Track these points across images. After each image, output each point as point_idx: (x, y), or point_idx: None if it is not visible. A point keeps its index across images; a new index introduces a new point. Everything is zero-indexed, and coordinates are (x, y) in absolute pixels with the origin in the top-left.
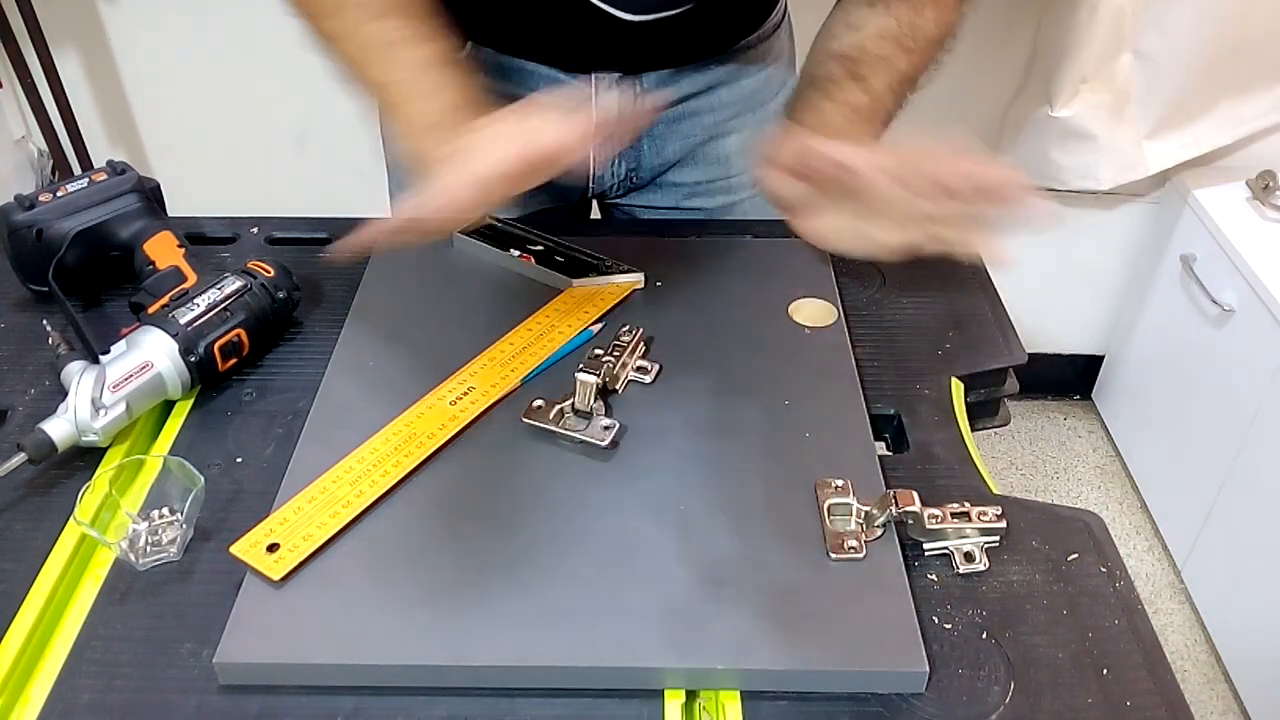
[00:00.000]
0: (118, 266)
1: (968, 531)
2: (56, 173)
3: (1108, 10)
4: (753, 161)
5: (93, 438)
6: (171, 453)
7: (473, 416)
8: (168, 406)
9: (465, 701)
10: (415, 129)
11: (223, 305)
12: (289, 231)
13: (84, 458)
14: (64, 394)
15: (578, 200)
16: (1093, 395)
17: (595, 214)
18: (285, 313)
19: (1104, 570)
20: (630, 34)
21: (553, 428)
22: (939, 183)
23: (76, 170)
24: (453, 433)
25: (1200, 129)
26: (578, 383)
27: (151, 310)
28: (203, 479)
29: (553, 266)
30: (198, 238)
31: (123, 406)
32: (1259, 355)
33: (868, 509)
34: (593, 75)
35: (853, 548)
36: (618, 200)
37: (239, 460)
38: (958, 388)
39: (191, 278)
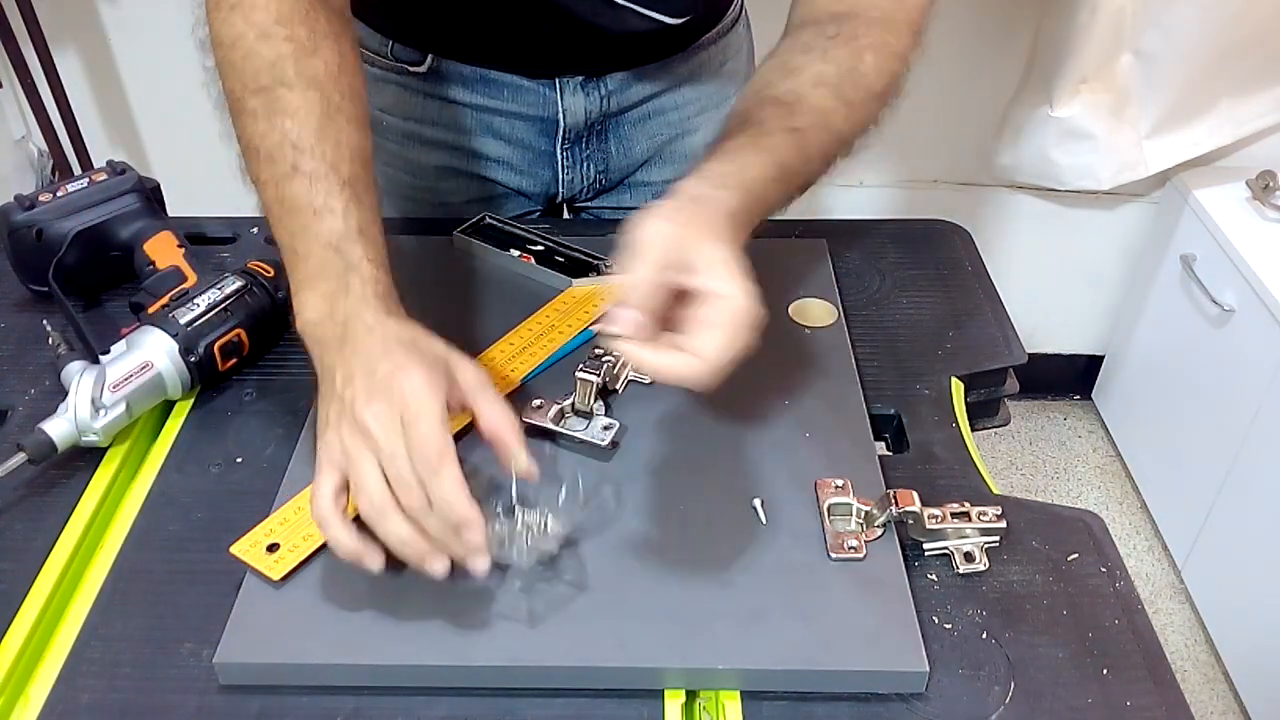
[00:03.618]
0: (118, 266)
1: (968, 531)
2: (56, 173)
3: (1108, 10)
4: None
5: (93, 438)
6: (171, 453)
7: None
8: (168, 406)
9: (465, 701)
10: (309, 312)
11: (223, 305)
12: None
13: (84, 458)
14: (64, 394)
15: (546, 205)
16: (1093, 395)
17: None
18: (285, 313)
19: (1104, 570)
20: (597, 35)
21: (553, 428)
22: None
23: (76, 170)
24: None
25: (1200, 129)
26: (578, 383)
27: (151, 310)
28: (583, 499)
29: (553, 266)
30: (198, 238)
31: (123, 406)
32: (1259, 355)
33: (868, 509)
34: (557, 79)
35: (853, 548)
36: (587, 204)
37: (239, 460)
38: (958, 388)
39: (191, 278)
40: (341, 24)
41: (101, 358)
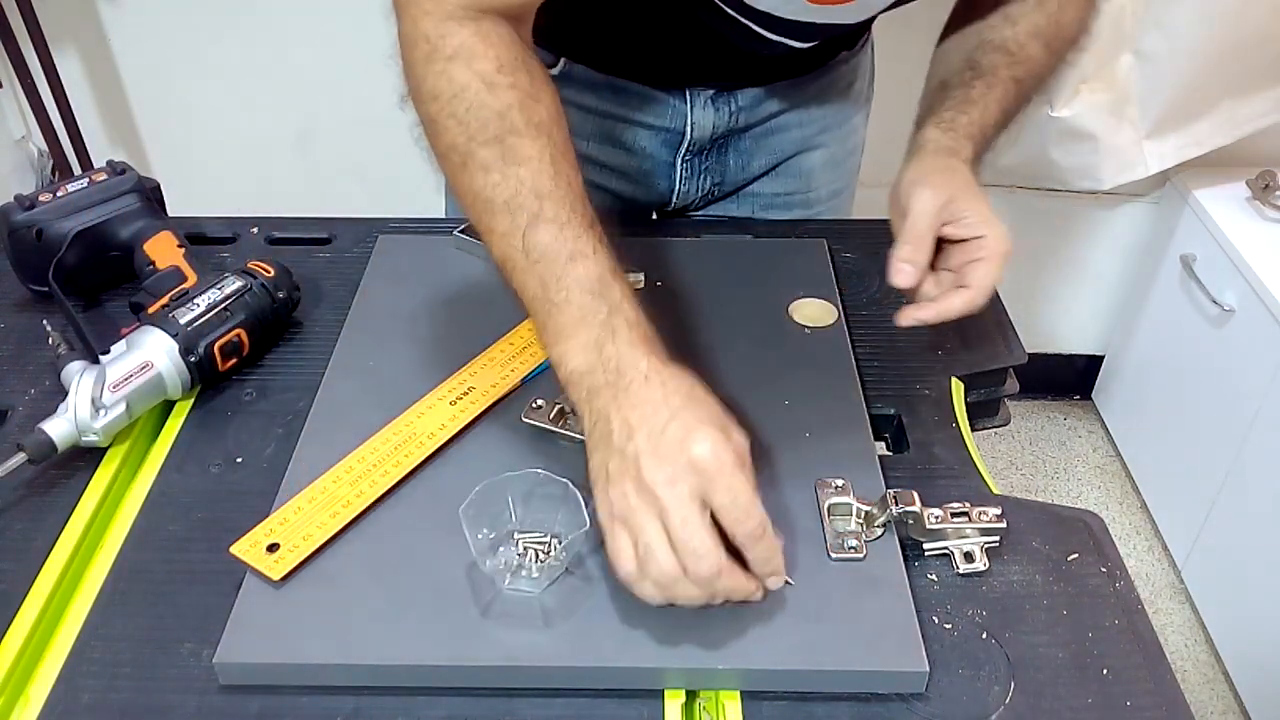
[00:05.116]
0: (118, 266)
1: (968, 531)
2: (56, 173)
3: (1108, 10)
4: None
5: (93, 438)
6: (171, 453)
7: (473, 416)
8: (168, 406)
9: (465, 701)
10: (575, 361)
11: (223, 305)
12: (289, 231)
13: (84, 458)
14: (64, 394)
15: (657, 214)
16: (1093, 395)
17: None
18: (285, 313)
19: (1104, 570)
20: (733, 52)
21: (553, 428)
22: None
23: (76, 170)
24: (453, 433)
25: (1200, 129)
26: None
27: (151, 310)
28: (589, 521)
29: None
30: (198, 238)
31: (123, 406)
32: (1259, 355)
33: (868, 509)
34: (688, 91)
35: (853, 548)
36: (695, 212)
37: (239, 460)
38: (958, 388)
39: (191, 278)
40: (544, 66)
41: (101, 358)
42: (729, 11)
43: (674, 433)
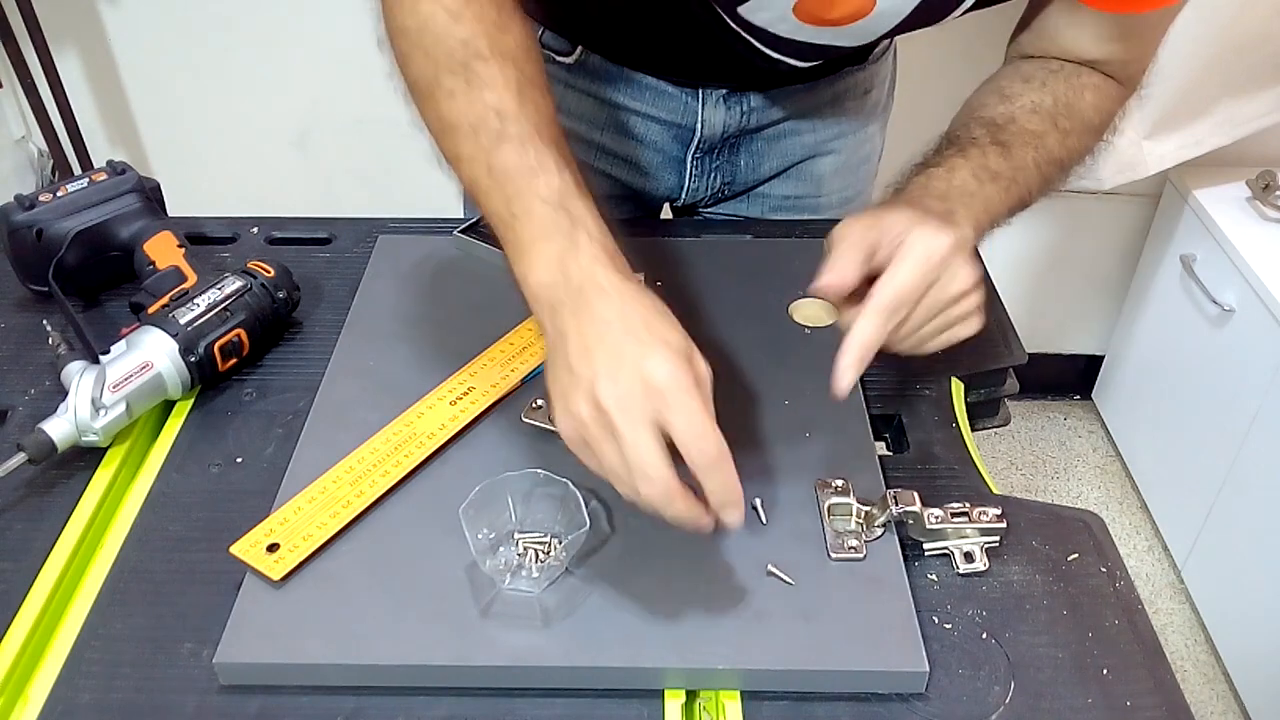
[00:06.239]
0: (118, 266)
1: (968, 531)
2: (56, 173)
3: None
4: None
5: (93, 438)
6: (171, 453)
7: (473, 416)
8: (168, 406)
9: (465, 701)
10: (540, 274)
11: (223, 305)
12: (289, 231)
13: (84, 458)
14: (64, 394)
15: (659, 209)
16: (1093, 395)
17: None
18: (285, 313)
19: (1104, 570)
20: (741, 61)
21: (553, 428)
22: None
23: (76, 170)
24: (453, 433)
25: (1200, 129)
26: None
27: (151, 310)
28: (589, 521)
29: None
30: (198, 238)
31: (123, 406)
32: (1259, 355)
33: (868, 509)
34: (700, 89)
35: (853, 548)
36: (705, 209)
37: (239, 460)
38: (958, 388)
39: (191, 278)
40: (520, 7)
41: (101, 358)
42: (730, 24)
43: (631, 353)
